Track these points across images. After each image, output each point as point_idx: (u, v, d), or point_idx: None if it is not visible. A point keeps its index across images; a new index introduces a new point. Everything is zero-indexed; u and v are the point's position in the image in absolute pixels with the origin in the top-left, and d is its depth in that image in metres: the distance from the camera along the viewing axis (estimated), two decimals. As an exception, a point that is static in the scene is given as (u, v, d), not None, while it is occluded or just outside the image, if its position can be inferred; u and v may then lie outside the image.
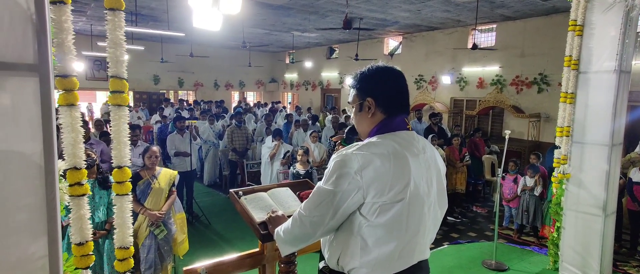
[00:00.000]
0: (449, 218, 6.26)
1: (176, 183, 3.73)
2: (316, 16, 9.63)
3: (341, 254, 1.28)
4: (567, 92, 3.39)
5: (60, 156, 1.26)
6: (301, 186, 2.09)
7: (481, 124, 10.54)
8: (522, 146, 8.92)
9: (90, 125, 8.26)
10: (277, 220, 1.58)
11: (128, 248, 1.33)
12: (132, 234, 1.38)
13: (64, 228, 3.28)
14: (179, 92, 16.37)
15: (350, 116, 1.53)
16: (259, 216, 1.70)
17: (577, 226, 3.36)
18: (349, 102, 1.43)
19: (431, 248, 4.73)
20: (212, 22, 4.98)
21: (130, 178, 3.59)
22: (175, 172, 3.75)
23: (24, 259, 1.07)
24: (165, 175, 3.60)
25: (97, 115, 13.14)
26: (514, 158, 6.14)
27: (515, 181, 5.73)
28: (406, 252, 1.25)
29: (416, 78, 12.37)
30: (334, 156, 1.25)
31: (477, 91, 10.69)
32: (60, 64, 1.17)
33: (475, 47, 8.38)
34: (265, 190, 1.95)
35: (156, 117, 10.44)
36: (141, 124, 10.66)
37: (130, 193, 3.44)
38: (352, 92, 1.41)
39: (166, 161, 6.01)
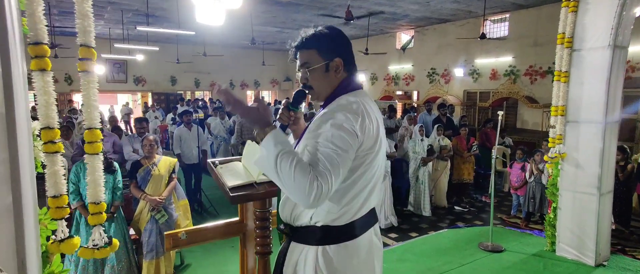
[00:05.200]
0: (456, 207, 6.22)
1: (176, 170, 3.88)
2: (325, 12, 9.71)
3: (316, 211, 1.30)
4: (560, 71, 3.35)
5: (36, 118, 1.39)
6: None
7: (495, 116, 10.37)
8: (536, 137, 8.73)
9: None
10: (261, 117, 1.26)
11: (99, 203, 1.45)
12: (104, 191, 1.50)
13: (73, 212, 3.50)
14: (196, 92, 16.77)
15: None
16: (230, 182, 1.80)
17: (574, 206, 3.31)
18: (307, 64, 1.37)
19: (429, 232, 4.70)
20: (215, 17, 5.13)
21: (132, 166, 3.76)
22: (175, 160, 3.90)
23: (6, 206, 1.15)
24: (165, 163, 3.76)
25: (118, 117, 13.62)
26: (522, 146, 6.04)
27: (523, 169, 5.65)
28: (369, 197, 1.35)
29: (429, 72, 12.27)
30: (330, 115, 1.22)
31: (490, 83, 10.52)
32: (32, 33, 1.30)
33: (484, 36, 8.27)
34: (240, 160, 2.05)
35: (171, 115, 10.77)
36: (158, 123, 11.03)
37: (132, 179, 3.62)
38: (310, 52, 1.36)
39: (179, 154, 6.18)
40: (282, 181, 1.14)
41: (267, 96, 19.42)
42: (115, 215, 3.50)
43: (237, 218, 2.16)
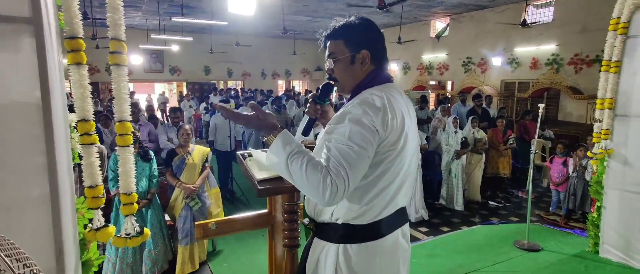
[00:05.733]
0: (490, 202, 6.01)
1: (209, 159, 3.97)
2: (357, 0, 9.55)
3: (336, 209, 1.28)
4: (610, 60, 3.11)
5: (72, 110, 1.44)
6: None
7: (535, 107, 9.85)
8: (580, 130, 8.24)
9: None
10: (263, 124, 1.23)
11: (131, 194, 1.49)
12: (135, 182, 1.54)
13: (112, 199, 3.66)
14: (229, 82, 17.08)
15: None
16: (258, 174, 1.80)
17: (621, 206, 3.09)
18: (332, 55, 1.35)
19: (461, 227, 4.57)
20: (246, 7, 5.15)
21: (168, 155, 3.86)
22: (208, 149, 3.99)
23: (31, 197, 1.19)
24: (199, 152, 3.85)
25: (155, 106, 14.13)
26: (563, 140, 5.72)
27: (565, 163, 5.35)
28: (395, 197, 1.30)
29: (464, 61, 11.85)
30: (347, 110, 1.19)
31: (530, 72, 10.01)
32: (68, 27, 1.34)
33: (525, 23, 7.83)
34: (269, 152, 2.05)
35: (203, 104, 11.03)
36: (192, 112, 11.34)
37: (168, 167, 3.73)
38: (337, 43, 1.34)
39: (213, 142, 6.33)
40: (296, 182, 1.14)
41: (298, 86, 19.46)
42: (151, 202, 3.64)
43: (265, 210, 2.18)
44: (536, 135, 3.77)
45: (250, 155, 2.00)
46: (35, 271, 0.74)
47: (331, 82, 1.40)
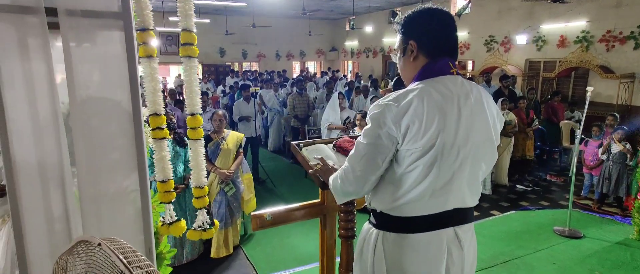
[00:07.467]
0: (518, 186, 5.93)
1: (243, 144, 3.96)
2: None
3: (373, 198, 1.36)
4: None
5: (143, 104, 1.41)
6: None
7: (561, 87, 9.60)
8: (610, 110, 8.00)
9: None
10: (326, 172, 1.61)
11: (203, 187, 1.47)
12: (206, 176, 1.52)
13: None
14: (243, 63, 16.98)
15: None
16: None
17: (672, 193, 3.00)
18: (394, 49, 1.39)
19: (491, 211, 4.50)
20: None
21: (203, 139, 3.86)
22: (242, 135, 3.98)
23: (120, 191, 1.22)
24: (233, 137, 3.84)
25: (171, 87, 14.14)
26: (599, 122, 5.55)
27: (601, 146, 5.21)
28: (437, 197, 1.24)
29: (486, 40, 11.51)
30: (371, 107, 1.25)
31: (557, 51, 9.68)
32: (139, 19, 1.29)
33: (556, -1, 7.50)
34: (325, 142, 2.01)
35: (221, 87, 10.99)
36: (210, 95, 11.33)
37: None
38: (397, 36, 1.36)
39: (233, 127, 6.36)
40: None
41: (312, 66, 19.26)
42: (188, 186, 3.66)
43: (318, 200, 2.16)
44: (583, 117, 3.61)
45: (305, 145, 1.96)
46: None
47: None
